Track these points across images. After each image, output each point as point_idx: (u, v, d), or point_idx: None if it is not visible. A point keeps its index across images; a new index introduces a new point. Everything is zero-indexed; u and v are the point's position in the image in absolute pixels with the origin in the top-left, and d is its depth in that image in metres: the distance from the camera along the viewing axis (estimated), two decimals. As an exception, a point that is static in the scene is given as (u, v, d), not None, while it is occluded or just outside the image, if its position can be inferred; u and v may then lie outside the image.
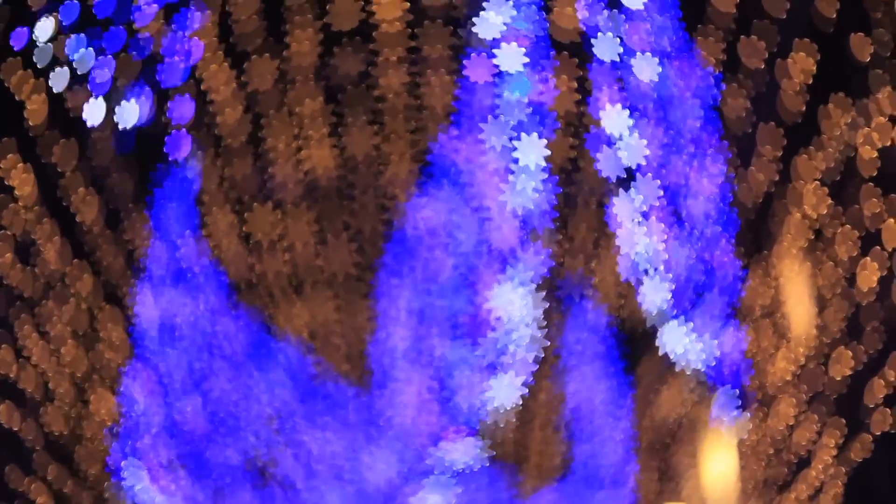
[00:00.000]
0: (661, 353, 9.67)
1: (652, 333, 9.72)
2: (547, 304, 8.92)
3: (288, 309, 9.59)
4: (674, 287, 8.76)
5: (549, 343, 9.31)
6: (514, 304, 8.82)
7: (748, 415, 9.18)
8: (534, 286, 8.75)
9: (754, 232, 9.12)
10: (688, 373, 9.00)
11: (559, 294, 9.48)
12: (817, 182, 9.24)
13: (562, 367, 10.11)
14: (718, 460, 9.74)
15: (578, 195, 8.87)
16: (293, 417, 9.30)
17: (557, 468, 10.29)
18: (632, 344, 9.83)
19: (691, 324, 8.94)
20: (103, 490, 8.89)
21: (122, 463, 8.91)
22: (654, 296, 8.74)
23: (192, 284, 8.82)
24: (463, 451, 8.94)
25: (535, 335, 8.85)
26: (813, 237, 9.22)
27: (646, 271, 8.83)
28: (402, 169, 8.86)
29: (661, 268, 8.70)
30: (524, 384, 8.87)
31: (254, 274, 9.53)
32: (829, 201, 9.24)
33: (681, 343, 9.00)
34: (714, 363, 8.95)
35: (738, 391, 9.10)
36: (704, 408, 9.83)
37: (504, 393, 8.83)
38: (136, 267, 8.69)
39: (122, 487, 8.91)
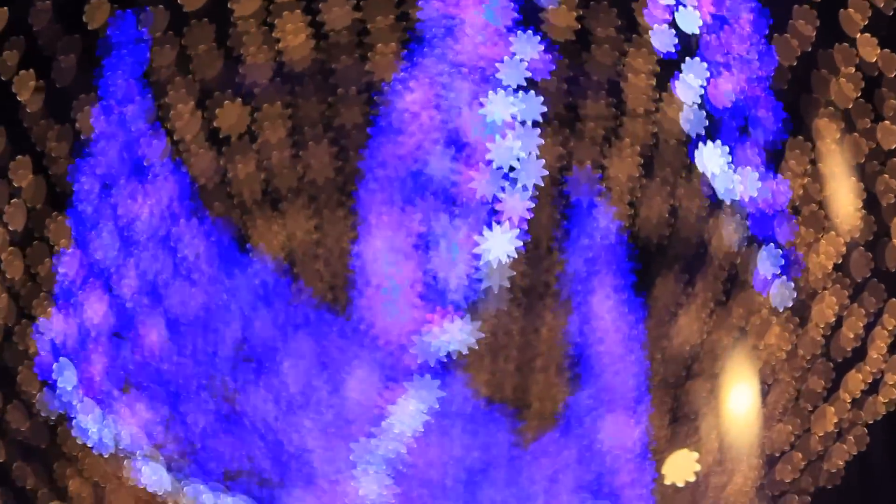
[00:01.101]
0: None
1: (668, 246, 8.33)
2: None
3: (263, 224, 8.38)
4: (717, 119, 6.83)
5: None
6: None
7: (790, 282, 7.43)
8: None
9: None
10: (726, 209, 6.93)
11: (565, 194, 7.69)
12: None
13: (566, 289, 8.78)
14: (741, 390, 8.46)
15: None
16: (265, 343, 7.87)
17: (560, 413, 9.09)
18: (646, 259, 8.48)
19: (727, 149, 6.96)
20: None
21: (61, 378, 7.37)
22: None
23: (150, 183, 6.77)
24: (452, 335, 7.61)
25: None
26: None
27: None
28: (388, 48, 6.96)
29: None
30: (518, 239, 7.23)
31: (224, 180, 8.19)
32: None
33: (717, 164, 7.60)
34: (755, 196, 7.14)
35: (780, 250, 7.34)
36: (724, 329, 8.32)
37: (499, 245, 7.24)
38: (83, 161, 6.73)
39: (54, 398, 7.24)
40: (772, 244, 7.86)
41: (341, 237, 8.36)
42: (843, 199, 7.57)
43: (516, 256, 7.42)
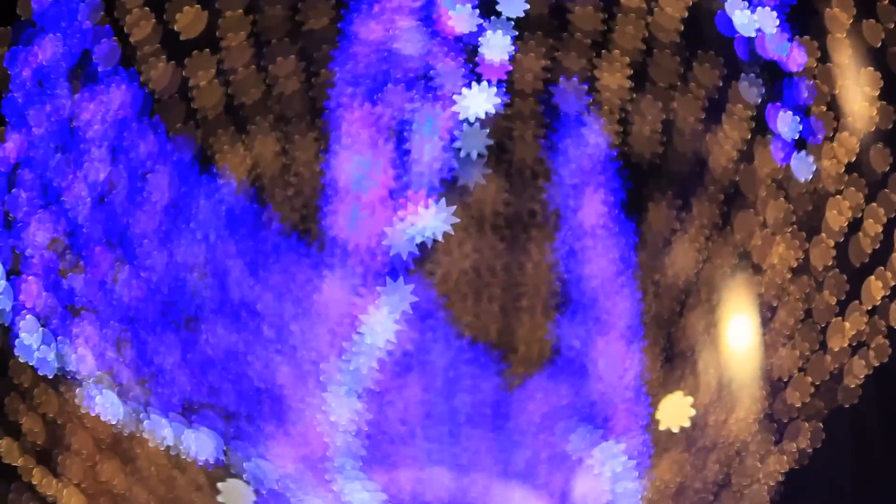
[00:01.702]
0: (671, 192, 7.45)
1: (662, 165, 7.68)
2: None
3: (228, 144, 7.65)
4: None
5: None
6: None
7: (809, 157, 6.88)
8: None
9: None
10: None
11: (551, 107, 7.30)
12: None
13: (553, 219, 8.11)
14: (741, 319, 7.79)
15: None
16: (227, 267, 7.19)
17: (547, 355, 8.40)
18: (637, 179, 7.77)
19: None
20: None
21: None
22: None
23: (99, 87, 5.85)
24: (426, 221, 7.00)
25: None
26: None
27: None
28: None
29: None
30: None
31: (184, 94, 7.42)
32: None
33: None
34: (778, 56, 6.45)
35: (799, 116, 6.82)
36: (722, 256, 7.76)
37: (478, 103, 6.71)
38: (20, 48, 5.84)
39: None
40: (790, 111, 6.91)
41: (312, 162, 7.34)
42: (856, 93, 6.61)
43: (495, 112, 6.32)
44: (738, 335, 7.71)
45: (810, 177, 6.95)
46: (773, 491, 7.38)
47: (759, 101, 6.89)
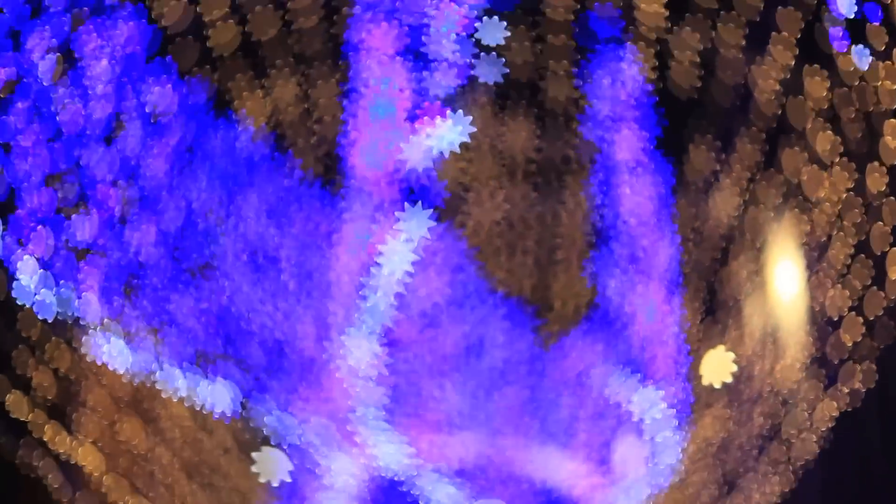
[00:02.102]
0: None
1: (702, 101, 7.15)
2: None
3: (245, 86, 7.12)
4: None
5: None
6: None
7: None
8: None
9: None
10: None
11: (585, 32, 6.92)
12: None
13: (587, 161, 7.54)
14: (786, 264, 7.31)
15: None
16: (245, 214, 6.80)
17: (584, 310, 7.88)
18: (676, 117, 7.23)
19: None
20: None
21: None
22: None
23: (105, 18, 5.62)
24: (443, 132, 6.51)
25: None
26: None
27: None
28: None
29: None
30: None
31: (198, 32, 6.96)
32: None
33: None
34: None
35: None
36: (766, 197, 7.29)
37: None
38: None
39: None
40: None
41: (335, 107, 6.96)
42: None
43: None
44: (784, 279, 7.23)
45: (866, 67, 6.07)
46: (823, 438, 6.71)
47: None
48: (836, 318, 6.63)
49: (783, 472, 7.04)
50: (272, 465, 7.20)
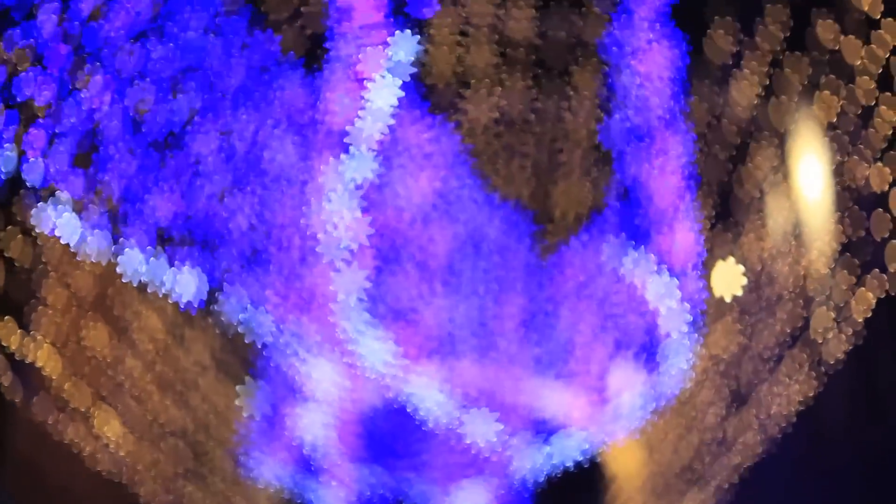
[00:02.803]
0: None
1: None
2: None
3: None
4: None
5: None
6: None
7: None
8: None
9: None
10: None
11: None
12: None
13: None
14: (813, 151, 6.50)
15: None
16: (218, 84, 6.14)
17: (586, 217, 7.19)
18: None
19: None
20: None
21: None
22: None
23: None
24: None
25: None
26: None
27: None
28: None
29: None
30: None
31: None
32: None
33: None
34: None
35: None
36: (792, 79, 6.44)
37: None
38: None
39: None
40: None
41: None
42: None
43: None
44: (810, 167, 6.49)
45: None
46: (856, 334, 5.81)
47: None
48: (879, 192, 5.70)
49: (805, 378, 6.10)
50: (252, 397, 6.64)
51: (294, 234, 5.96)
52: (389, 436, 6.72)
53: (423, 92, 6.59)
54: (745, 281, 6.59)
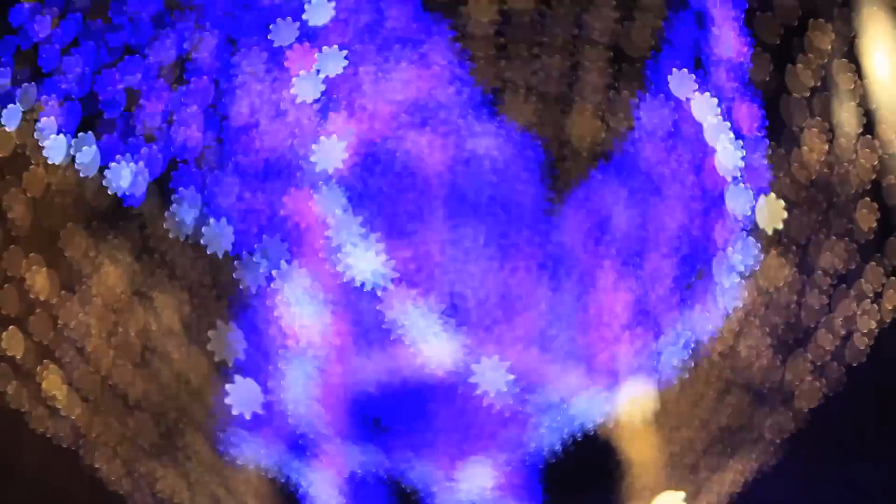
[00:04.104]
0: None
1: None
2: None
3: None
4: None
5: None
6: None
7: None
8: None
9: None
10: None
11: None
12: None
13: None
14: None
15: None
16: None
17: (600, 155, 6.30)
18: None
19: None
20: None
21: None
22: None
23: None
24: None
25: None
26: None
27: None
28: None
29: None
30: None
31: None
32: None
33: None
34: None
35: None
36: None
37: None
38: None
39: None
40: None
41: None
42: None
43: None
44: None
45: None
46: None
47: None
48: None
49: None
50: (227, 344, 5.58)
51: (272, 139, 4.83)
52: (385, 409, 5.75)
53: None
54: (786, 214, 5.74)
